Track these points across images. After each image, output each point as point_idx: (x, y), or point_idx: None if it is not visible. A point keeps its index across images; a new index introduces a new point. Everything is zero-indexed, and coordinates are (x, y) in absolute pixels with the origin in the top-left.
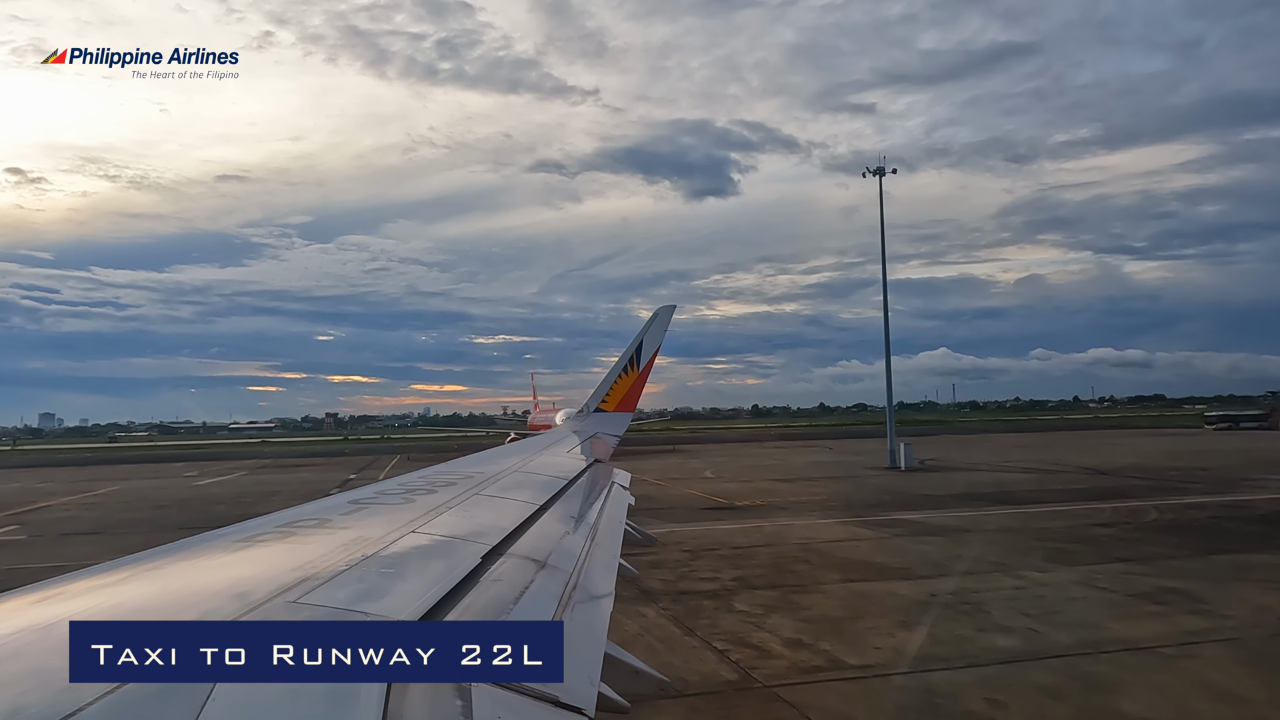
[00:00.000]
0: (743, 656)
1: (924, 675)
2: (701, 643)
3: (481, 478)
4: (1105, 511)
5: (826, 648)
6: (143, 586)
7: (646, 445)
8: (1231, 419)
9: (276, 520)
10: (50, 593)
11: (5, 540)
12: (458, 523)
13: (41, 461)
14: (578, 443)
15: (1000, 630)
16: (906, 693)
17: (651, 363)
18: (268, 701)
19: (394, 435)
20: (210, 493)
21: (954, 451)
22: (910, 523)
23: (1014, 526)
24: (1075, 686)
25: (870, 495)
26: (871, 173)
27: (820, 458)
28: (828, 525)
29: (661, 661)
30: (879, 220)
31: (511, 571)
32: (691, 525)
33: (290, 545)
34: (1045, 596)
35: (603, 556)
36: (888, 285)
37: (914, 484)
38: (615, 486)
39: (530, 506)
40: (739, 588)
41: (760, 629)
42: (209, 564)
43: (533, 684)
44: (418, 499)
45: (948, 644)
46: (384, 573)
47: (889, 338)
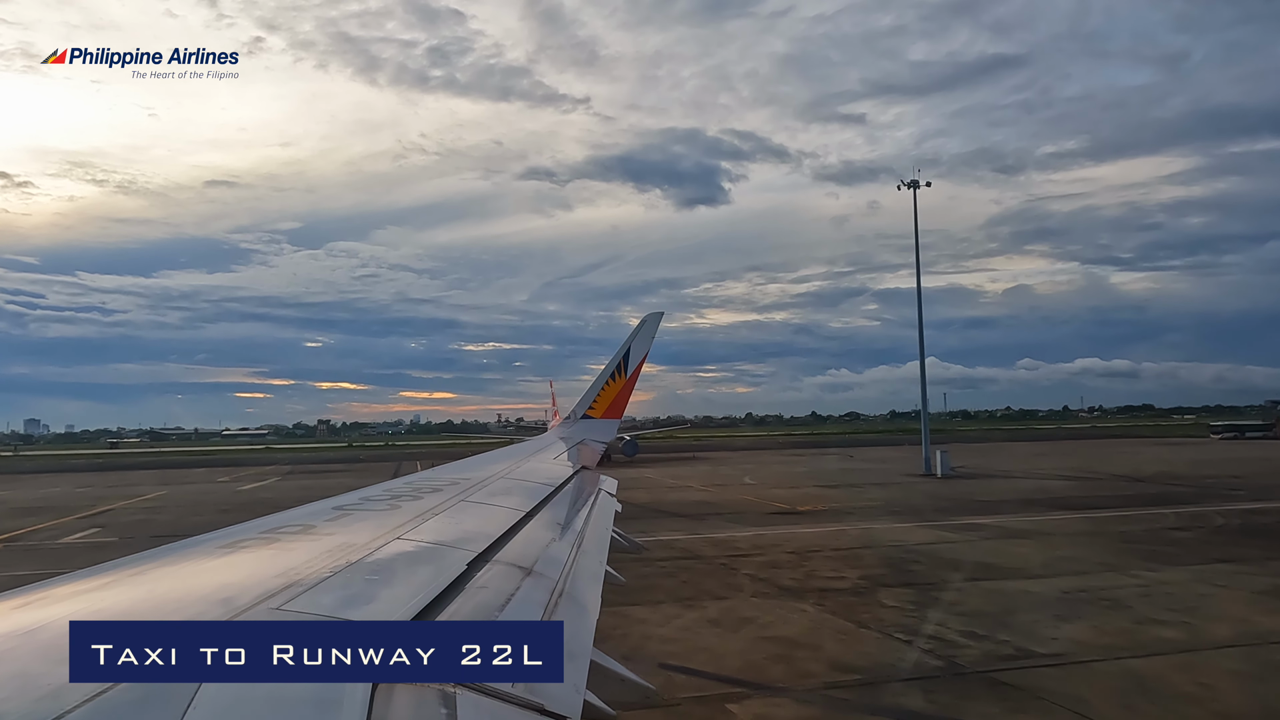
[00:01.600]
0: (932, 646)
1: (1117, 663)
2: (881, 634)
3: (467, 484)
4: (1169, 517)
5: (1005, 638)
6: (129, 591)
7: (666, 453)
8: (1237, 429)
9: (261, 526)
10: (36, 596)
11: (100, 542)
12: (443, 529)
13: (53, 467)
14: (565, 449)
15: (1156, 623)
16: (1113, 677)
17: (639, 370)
18: (248, 705)
19: (398, 443)
20: (261, 497)
21: (975, 459)
22: (986, 526)
23: (1090, 530)
24: (1270, 672)
25: (925, 501)
26: (905, 185)
27: (847, 465)
28: (907, 529)
29: (859, 651)
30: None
31: (497, 578)
32: (772, 529)
33: (275, 551)
34: (1175, 594)
35: (589, 564)
36: (921, 296)
37: (960, 490)
38: (602, 493)
39: (517, 513)
40: (873, 585)
41: (924, 622)
42: (193, 569)
43: (523, 687)
44: (403, 505)
45: (1115, 635)
46: (369, 579)
47: (923, 348)
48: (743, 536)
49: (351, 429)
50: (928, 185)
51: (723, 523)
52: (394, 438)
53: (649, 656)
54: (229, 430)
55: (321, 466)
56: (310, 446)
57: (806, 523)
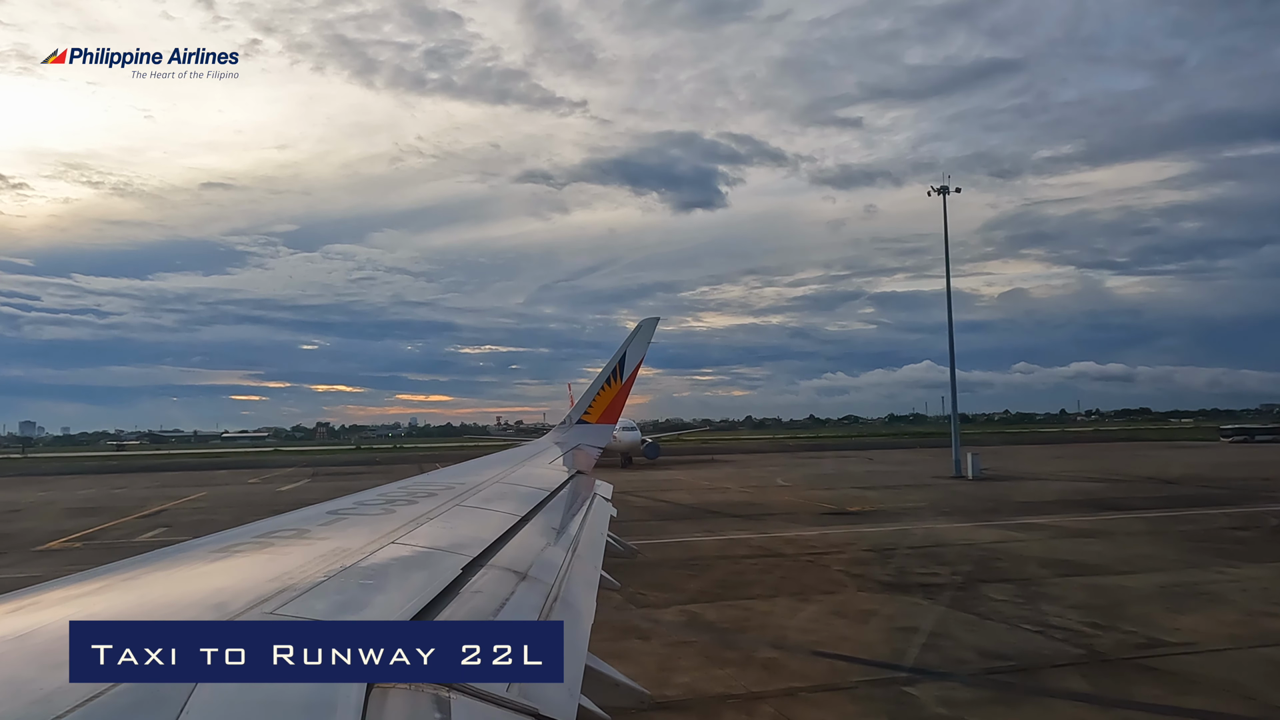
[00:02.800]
0: (1064, 635)
1: (1251, 651)
2: (1008, 625)
3: (462, 489)
4: (1220, 518)
5: (1130, 629)
6: (124, 594)
7: (682, 455)
8: (1247, 432)
9: (254, 530)
10: (34, 597)
11: (175, 539)
12: (438, 534)
13: (70, 469)
14: (560, 454)
15: (1268, 616)
16: (1254, 664)
17: (635, 374)
18: (242, 707)
19: (405, 445)
20: (303, 498)
21: (994, 462)
22: (1045, 526)
23: (1149, 530)
24: None
25: (968, 502)
26: (936, 191)
27: (870, 467)
28: (968, 529)
29: (998, 640)
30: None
31: (492, 583)
32: (834, 529)
33: (269, 556)
34: (1271, 589)
35: (584, 568)
36: (952, 300)
37: (998, 492)
38: (597, 498)
39: (511, 518)
40: (969, 581)
41: (1042, 614)
42: (187, 573)
43: (518, 690)
44: (398, 509)
45: (1235, 626)
46: (363, 584)
47: (953, 350)
48: (810, 536)
49: (352, 431)
50: (957, 191)
51: (782, 523)
52: (396, 440)
53: (796, 645)
54: (228, 433)
55: (341, 469)
56: (318, 449)
57: (864, 522)
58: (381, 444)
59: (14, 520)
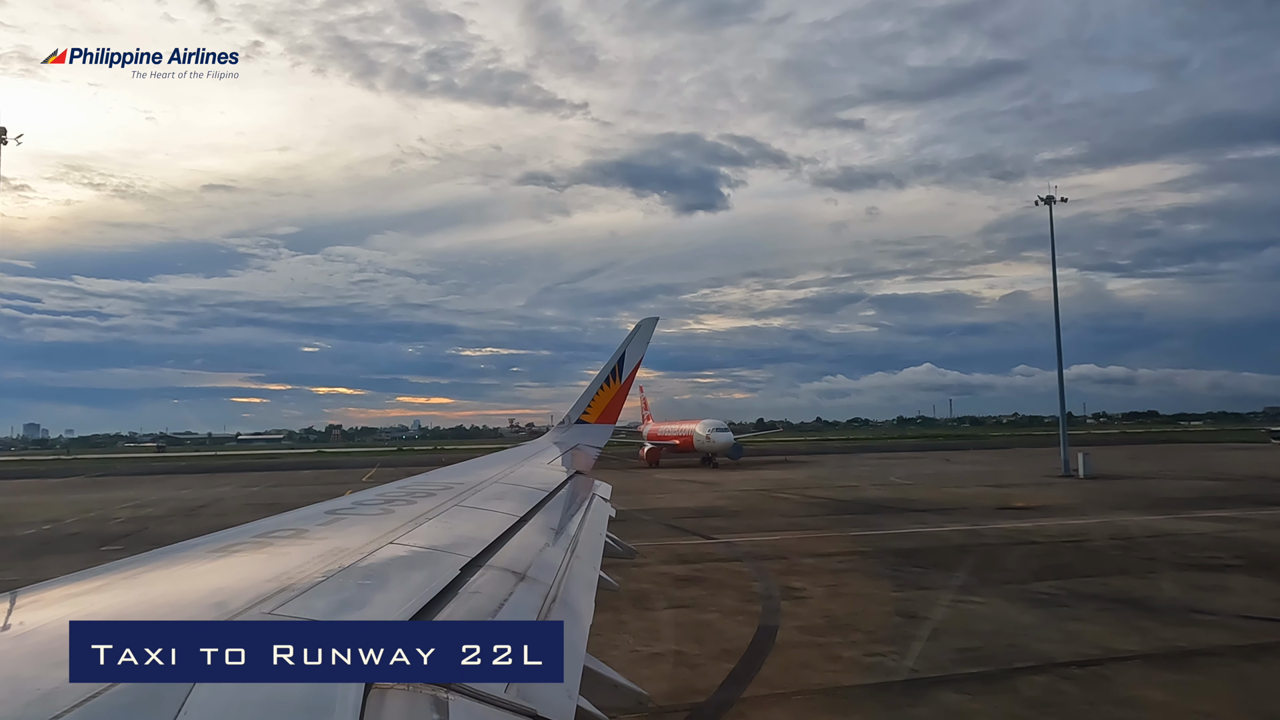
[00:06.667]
0: None
1: None
2: None
3: (461, 489)
4: None
5: None
6: (123, 594)
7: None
8: None
9: (253, 530)
10: (33, 597)
11: None
12: (436, 534)
13: (137, 470)
14: (559, 454)
15: None
16: None
17: (633, 375)
18: (240, 708)
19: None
20: None
21: None
22: (1224, 519)
23: None
24: None
25: (1124, 499)
26: (1042, 200)
27: (968, 468)
28: (1165, 521)
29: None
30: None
31: (490, 583)
32: (1028, 521)
33: (268, 555)
34: None
35: (583, 569)
36: (1059, 303)
37: (1130, 489)
38: (596, 499)
39: (510, 518)
40: (1253, 565)
41: None
42: (186, 572)
43: (516, 690)
44: (397, 509)
45: None
46: (362, 584)
47: (1060, 350)
48: (1026, 528)
49: (363, 434)
50: (1063, 200)
51: (941, 519)
52: (415, 443)
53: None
54: (243, 435)
55: (410, 468)
56: (347, 452)
57: (1045, 517)
58: (422, 446)
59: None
